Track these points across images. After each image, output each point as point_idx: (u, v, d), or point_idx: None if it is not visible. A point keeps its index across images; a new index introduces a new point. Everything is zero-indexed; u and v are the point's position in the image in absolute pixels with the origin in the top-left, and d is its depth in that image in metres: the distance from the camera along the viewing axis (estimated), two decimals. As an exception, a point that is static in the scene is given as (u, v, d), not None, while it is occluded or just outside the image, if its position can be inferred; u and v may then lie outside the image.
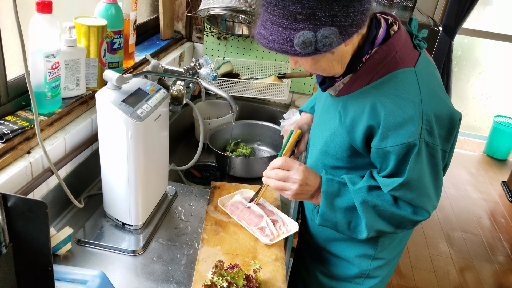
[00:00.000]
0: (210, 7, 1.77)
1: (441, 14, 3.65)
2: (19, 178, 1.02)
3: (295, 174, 1.06)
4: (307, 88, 2.12)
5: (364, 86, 1.00)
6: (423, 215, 1.03)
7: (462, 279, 2.75)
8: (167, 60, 1.85)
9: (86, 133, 1.27)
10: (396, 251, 1.26)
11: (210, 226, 1.22)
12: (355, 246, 1.20)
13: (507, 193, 3.73)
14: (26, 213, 0.72)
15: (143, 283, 1.03)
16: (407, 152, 0.95)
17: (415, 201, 1.00)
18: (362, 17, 0.88)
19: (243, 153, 1.74)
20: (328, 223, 1.08)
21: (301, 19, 0.83)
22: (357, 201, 1.02)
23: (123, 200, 1.14)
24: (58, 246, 1.05)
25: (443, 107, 0.97)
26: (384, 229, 1.05)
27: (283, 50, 0.87)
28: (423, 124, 0.93)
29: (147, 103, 1.09)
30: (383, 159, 1.00)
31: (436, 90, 0.99)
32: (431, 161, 0.98)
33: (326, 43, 0.84)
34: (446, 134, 0.98)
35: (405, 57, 0.99)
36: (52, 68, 1.11)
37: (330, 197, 1.05)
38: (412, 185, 0.98)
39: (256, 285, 0.98)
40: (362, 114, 0.99)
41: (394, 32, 0.99)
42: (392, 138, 0.95)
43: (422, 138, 0.94)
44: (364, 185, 1.03)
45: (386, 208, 1.02)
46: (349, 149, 1.06)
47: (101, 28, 1.25)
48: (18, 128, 1.05)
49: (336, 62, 0.97)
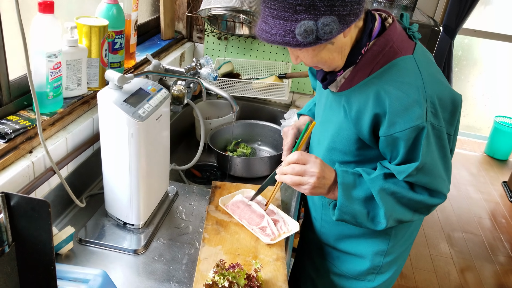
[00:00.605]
0: (211, 7, 1.78)
1: (441, 14, 3.65)
2: (21, 177, 1.03)
3: (312, 167, 1.04)
4: (308, 88, 2.12)
5: (365, 78, 1.01)
6: (440, 198, 1.04)
7: (463, 279, 2.75)
8: (168, 60, 1.86)
9: (87, 133, 1.27)
10: (407, 244, 1.26)
11: (211, 225, 1.22)
12: (368, 242, 1.20)
13: (508, 193, 3.73)
14: (28, 212, 0.72)
15: (144, 282, 1.03)
16: (417, 135, 0.96)
17: (430, 184, 1.01)
18: (358, 6, 0.91)
19: (243, 153, 1.75)
20: (346, 216, 1.07)
21: (301, 10, 0.86)
22: (375, 190, 1.02)
23: (125, 200, 1.14)
24: (60, 245, 1.05)
25: (445, 89, 1.00)
26: (402, 217, 1.05)
27: (285, 41, 0.89)
28: (428, 106, 0.95)
29: (148, 103, 1.09)
30: (393, 147, 1.00)
31: (436, 75, 1.02)
32: (439, 143, 0.99)
33: (326, 30, 0.86)
34: (449, 117, 1.00)
35: (402, 46, 1.01)
36: (54, 68, 1.11)
37: (347, 188, 1.05)
38: (426, 168, 0.99)
39: (257, 284, 0.99)
40: (366, 104, 1.00)
41: (389, 24, 1.02)
42: (400, 123, 0.96)
43: (428, 121, 0.95)
44: (380, 173, 1.03)
45: (404, 194, 1.02)
46: (357, 141, 1.07)
47: (102, 28, 1.25)
48: (20, 128, 1.05)
49: (337, 53, 0.98)
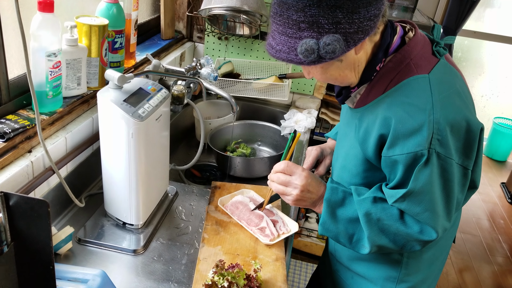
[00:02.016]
0: (211, 7, 1.78)
1: (441, 15, 3.65)
2: (20, 177, 1.02)
3: (296, 179, 1.03)
4: (308, 88, 2.12)
5: (379, 95, 0.96)
6: (430, 235, 0.94)
7: (461, 279, 2.76)
8: (168, 60, 1.85)
9: (87, 133, 1.27)
10: (424, 274, 1.14)
11: (210, 225, 1.22)
12: (377, 267, 1.13)
13: (506, 194, 3.73)
14: (28, 212, 0.71)
15: (143, 282, 1.03)
16: (414, 162, 0.90)
17: (420, 216, 0.93)
18: (369, 23, 0.85)
19: (243, 153, 1.74)
20: (329, 233, 1.03)
21: (305, 28, 0.83)
22: (361, 212, 0.97)
23: (124, 200, 1.14)
24: (59, 245, 1.05)
25: (458, 115, 0.90)
26: (387, 246, 0.98)
27: (289, 59, 0.87)
28: (434, 133, 0.87)
29: (148, 103, 1.09)
30: (391, 169, 0.95)
31: (452, 98, 0.92)
32: (443, 175, 0.91)
33: (328, 50, 0.83)
34: (463, 147, 0.91)
35: (420, 64, 0.94)
36: (53, 67, 1.11)
37: (332, 205, 1.01)
38: (417, 197, 0.92)
39: (257, 284, 0.99)
40: (374, 125, 0.95)
41: (409, 38, 0.96)
42: (399, 147, 0.90)
43: (432, 149, 0.88)
44: (370, 196, 0.97)
45: (391, 223, 0.95)
46: (364, 162, 1.01)
47: (102, 28, 1.25)
48: (19, 127, 1.05)
49: (348, 70, 0.94)
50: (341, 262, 1.23)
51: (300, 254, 2.63)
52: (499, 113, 4.47)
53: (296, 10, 0.83)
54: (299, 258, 2.63)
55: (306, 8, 0.82)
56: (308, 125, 1.84)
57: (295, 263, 2.59)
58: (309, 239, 2.60)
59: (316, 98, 2.14)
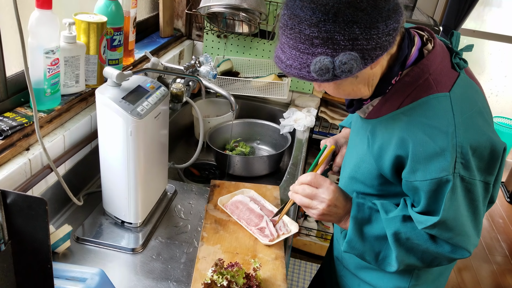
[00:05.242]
0: (211, 5, 1.77)
1: (441, 14, 3.65)
2: (18, 175, 1.01)
3: (323, 193, 0.98)
4: (307, 87, 2.12)
5: (394, 110, 0.91)
6: (462, 254, 0.92)
7: (460, 279, 2.76)
8: (166, 58, 1.85)
9: (85, 130, 1.26)
10: (433, 286, 1.13)
11: (209, 224, 1.21)
12: (387, 276, 1.11)
13: (505, 193, 3.74)
14: (25, 210, 0.71)
15: (142, 281, 1.03)
16: (439, 188, 0.85)
17: (452, 240, 0.90)
18: (388, 38, 0.79)
19: (242, 152, 1.74)
20: (354, 251, 0.99)
21: (318, 44, 0.76)
22: (389, 232, 0.93)
23: (123, 198, 1.13)
24: (57, 244, 1.04)
25: (482, 138, 0.86)
26: (416, 264, 0.95)
27: (301, 75, 0.80)
28: (458, 157, 0.83)
29: (147, 101, 1.08)
30: (414, 192, 0.91)
31: (475, 118, 0.87)
32: (468, 197, 0.88)
33: (345, 69, 0.76)
34: (486, 167, 0.88)
35: (440, 79, 0.89)
36: (51, 64, 1.10)
37: (359, 223, 0.96)
38: (448, 224, 0.88)
39: (256, 283, 0.98)
40: (390, 143, 0.91)
41: (428, 51, 0.90)
42: (421, 172, 0.86)
43: (456, 173, 0.84)
44: (399, 215, 0.93)
45: (421, 242, 0.92)
46: (379, 177, 0.98)
47: (101, 25, 1.24)
48: (17, 125, 1.04)
49: (362, 85, 0.89)
50: (348, 269, 1.20)
51: (299, 253, 2.63)
52: (498, 112, 4.48)
53: (309, 24, 0.76)
54: (298, 257, 2.63)
55: (321, 23, 0.75)
56: (307, 124, 1.84)
57: (294, 262, 2.59)
58: (308, 238, 2.60)
59: (316, 96, 2.13)
